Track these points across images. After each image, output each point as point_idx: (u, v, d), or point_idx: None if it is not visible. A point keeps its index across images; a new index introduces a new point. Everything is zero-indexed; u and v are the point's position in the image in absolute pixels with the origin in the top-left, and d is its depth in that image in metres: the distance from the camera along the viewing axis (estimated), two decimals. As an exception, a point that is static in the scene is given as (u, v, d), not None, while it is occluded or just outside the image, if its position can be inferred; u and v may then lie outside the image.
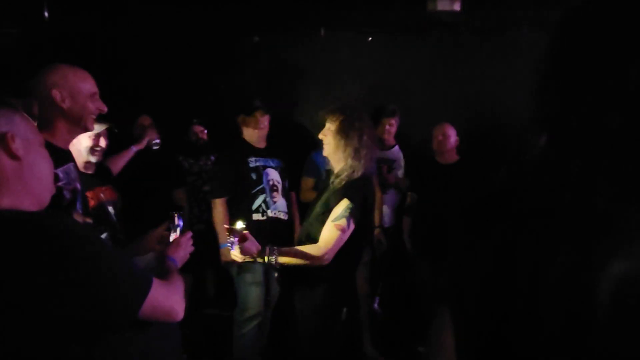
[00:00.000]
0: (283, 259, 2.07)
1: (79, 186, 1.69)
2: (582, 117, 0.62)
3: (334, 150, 2.15)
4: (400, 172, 3.72)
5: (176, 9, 3.91)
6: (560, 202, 0.62)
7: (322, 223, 2.10)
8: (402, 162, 3.75)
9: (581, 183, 0.61)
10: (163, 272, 1.31)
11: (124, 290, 1.03)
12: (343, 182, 2.12)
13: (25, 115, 1.12)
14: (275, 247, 2.06)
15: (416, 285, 3.60)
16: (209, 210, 3.57)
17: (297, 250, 2.09)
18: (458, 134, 3.54)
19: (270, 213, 2.99)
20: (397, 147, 3.76)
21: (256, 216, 2.97)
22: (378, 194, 3.31)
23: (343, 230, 2.04)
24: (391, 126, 3.67)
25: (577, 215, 0.59)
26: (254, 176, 3.01)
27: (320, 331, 2.16)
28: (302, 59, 4.17)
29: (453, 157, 3.54)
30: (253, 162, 3.05)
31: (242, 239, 2.04)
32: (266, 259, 2.05)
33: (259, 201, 2.99)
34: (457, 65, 4.05)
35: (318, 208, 2.19)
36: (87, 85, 1.66)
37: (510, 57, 3.93)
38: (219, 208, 3.00)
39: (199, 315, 3.85)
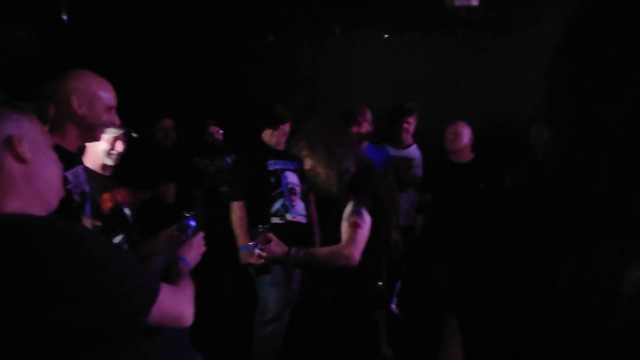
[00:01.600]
0: (309, 260, 2.10)
1: (87, 189, 1.69)
2: (601, 115, 0.60)
3: (316, 168, 2.23)
4: (419, 171, 3.67)
5: (191, 10, 3.92)
6: (577, 201, 0.60)
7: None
8: (420, 161, 3.70)
9: (599, 182, 0.58)
10: (173, 274, 1.30)
11: (131, 296, 1.01)
12: (345, 185, 2.18)
13: (35, 117, 1.11)
14: (301, 249, 2.09)
15: (432, 286, 3.56)
16: (225, 211, 3.59)
17: (322, 251, 2.13)
18: (475, 132, 3.47)
19: (289, 217, 2.98)
20: (414, 145, 3.72)
21: (275, 220, 2.96)
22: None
23: (358, 225, 2.07)
24: (409, 125, 3.62)
25: (594, 215, 0.57)
26: (272, 179, 3.00)
27: (349, 330, 2.19)
28: (318, 57, 4.14)
29: (468, 156, 3.47)
30: (272, 165, 3.03)
31: (266, 241, 2.07)
32: (291, 260, 2.09)
33: (277, 205, 2.98)
34: (476, 62, 3.98)
35: (332, 213, 2.24)
36: (107, 96, 1.66)
37: (530, 52, 3.84)
38: (237, 211, 2.99)
39: (217, 316, 3.87)
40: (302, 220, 3.04)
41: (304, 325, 2.35)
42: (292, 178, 3.05)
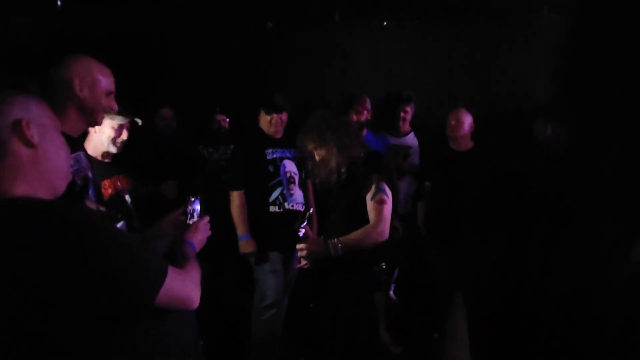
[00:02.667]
0: (346, 249, 2.19)
1: (90, 174, 1.71)
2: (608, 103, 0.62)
3: (328, 158, 2.35)
4: (416, 159, 3.69)
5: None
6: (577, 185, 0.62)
7: (356, 214, 2.26)
8: (417, 149, 3.71)
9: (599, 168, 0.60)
10: (180, 258, 1.31)
11: (140, 278, 1.02)
12: (359, 166, 2.30)
13: (42, 101, 1.11)
14: (336, 240, 2.18)
15: (431, 272, 3.59)
16: (227, 198, 3.60)
17: (355, 235, 2.21)
18: (474, 120, 3.48)
19: (287, 205, 3.00)
20: (412, 134, 3.72)
21: (273, 208, 2.98)
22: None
23: (384, 201, 2.22)
24: (406, 113, 3.63)
25: (600, 198, 0.59)
26: (271, 168, 3.01)
27: (353, 317, 2.29)
28: (317, 44, 4.13)
29: (467, 144, 3.48)
30: (270, 154, 3.04)
31: (305, 239, 2.20)
32: (332, 252, 2.17)
33: (276, 193, 3.00)
34: (475, 50, 3.98)
35: (345, 201, 2.34)
36: (107, 81, 1.70)
37: (528, 41, 3.84)
38: (237, 200, 3.00)
39: (217, 303, 3.90)
40: (300, 208, 3.06)
41: (305, 310, 2.40)
42: (290, 166, 3.07)
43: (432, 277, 3.57)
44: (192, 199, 1.60)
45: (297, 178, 3.08)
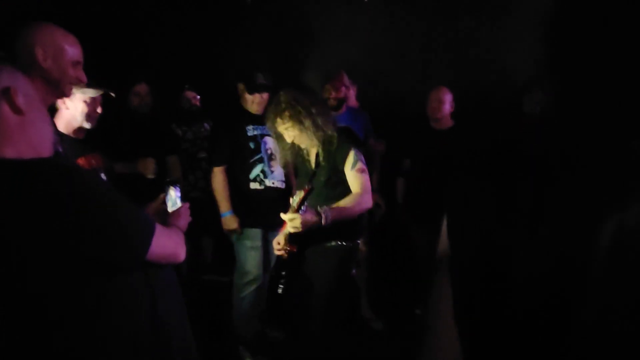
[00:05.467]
0: (337, 216, 2.16)
1: (60, 149, 1.65)
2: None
3: (301, 138, 2.34)
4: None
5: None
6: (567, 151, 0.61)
7: (334, 186, 2.30)
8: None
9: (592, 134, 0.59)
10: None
11: (132, 231, 1.09)
12: (334, 143, 2.32)
13: (25, 75, 1.14)
14: (327, 208, 2.15)
15: (411, 249, 3.63)
16: (204, 177, 3.54)
17: (345, 202, 2.21)
18: (454, 98, 3.48)
19: (268, 182, 2.99)
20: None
21: (254, 185, 2.98)
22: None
23: (364, 171, 2.27)
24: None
25: (585, 164, 0.59)
26: (252, 145, 2.99)
27: (334, 291, 2.31)
28: (297, 20, 4.05)
29: (448, 123, 3.48)
30: (251, 130, 3.02)
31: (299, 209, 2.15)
32: (323, 221, 2.13)
33: (256, 170, 2.98)
34: (454, 25, 3.95)
35: (322, 177, 2.34)
36: (73, 51, 1.60)
37: (509, 16, 3.83)
38: (219, 176, 2.98)
39: (198, 282, 3.87)
40: (281, 185, 3.05)
41: (287, 288, 2.39)
42: (271, 143, 3.03)
43: (412, 253, 3.61)
44: (172, 187, 1.59)
45: (278, 155, 3.05)
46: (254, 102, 3.02)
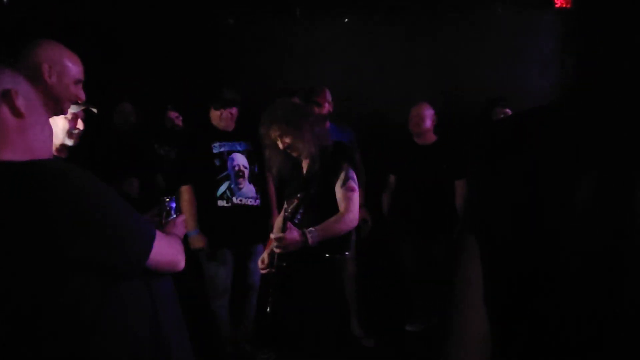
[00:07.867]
0: (322, 237, 2.15)
1: None
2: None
3: (296, 146, 2.30)
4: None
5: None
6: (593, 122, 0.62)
7: (322, 199, 2.26)
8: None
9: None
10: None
11: (133, 235, 1.07)
12: (328, 155, 2.29)
13: (26, 79, 1.13)
14: (312, 229, 2.13)
15: (398, 264, 3.62)
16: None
17: (329, 223, 2.19)
18: (435, 114, 3.54)
19: (235, 200, 2.96)
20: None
21: (221, 203, 2.94)
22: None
23: (354, 189, 2.24)
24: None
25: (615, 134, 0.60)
26: (217, 162, 2.96)
27: (324, 305, 2.28)
28: (278, 40, 4.10)
29: (431, 138, 3.53)
30: (217, 147, 2.99)
31: (283, 229, 2.13)
32: (309, 241, 2.11)
33: (223, 187, 2.95)
34: (434, 44, 4.05)
35: (312, 190, 2.30)
36: (77, 69, 1.66)
37: (484, 36, 3.96)
38: (185, 195, 2.94)
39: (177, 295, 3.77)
40: (252, 202, 3.02)
41: (276, 307, 2.35)
42: (239, 160, 3.02)
43: (400, 268, 3.60)
44: (168, 199, 1.60)
45: (247, 172, 3.03)
46: (221, 118, 3.00)
